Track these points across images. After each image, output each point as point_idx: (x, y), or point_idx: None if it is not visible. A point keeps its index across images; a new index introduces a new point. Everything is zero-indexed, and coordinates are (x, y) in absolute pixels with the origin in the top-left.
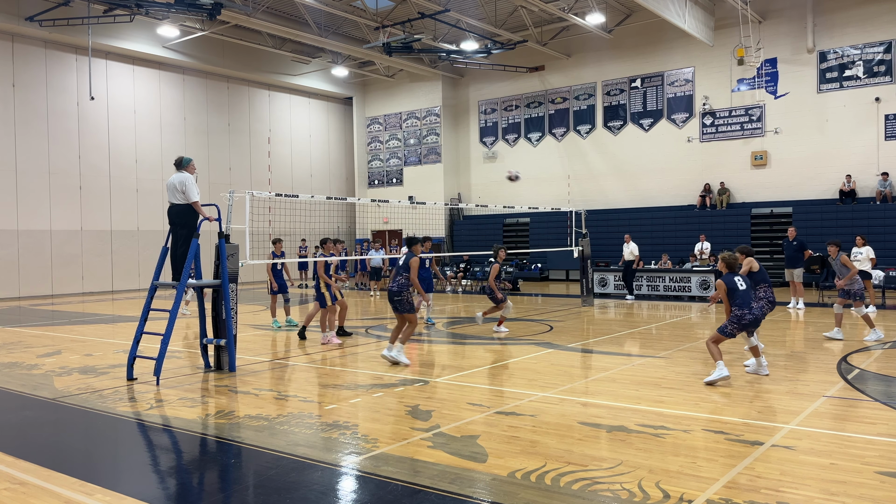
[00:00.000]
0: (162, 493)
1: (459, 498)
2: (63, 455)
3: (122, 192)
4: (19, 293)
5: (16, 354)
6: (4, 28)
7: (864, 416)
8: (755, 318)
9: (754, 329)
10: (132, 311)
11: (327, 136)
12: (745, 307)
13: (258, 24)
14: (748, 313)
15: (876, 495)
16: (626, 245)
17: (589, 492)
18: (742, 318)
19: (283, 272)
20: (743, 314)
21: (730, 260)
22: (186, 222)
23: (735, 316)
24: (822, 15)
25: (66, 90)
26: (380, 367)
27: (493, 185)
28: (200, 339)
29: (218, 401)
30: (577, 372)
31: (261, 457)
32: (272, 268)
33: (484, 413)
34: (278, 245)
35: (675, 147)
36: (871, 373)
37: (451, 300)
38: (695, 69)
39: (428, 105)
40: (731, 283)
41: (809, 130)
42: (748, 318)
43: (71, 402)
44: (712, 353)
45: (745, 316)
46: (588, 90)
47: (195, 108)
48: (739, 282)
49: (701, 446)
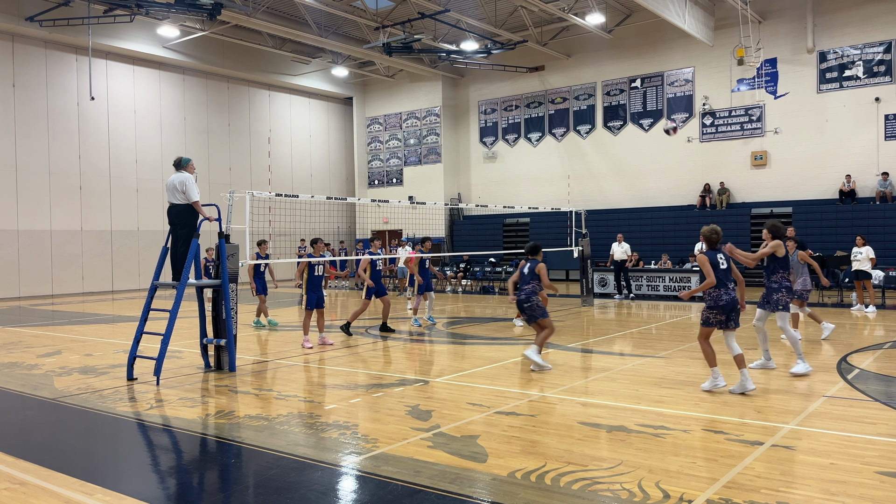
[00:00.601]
0: (162, 493)
1: (459, 498)
2: (63, 455)
3: (122, 192)
4: (19, 293)
5: (16, 354)
6: (4, 28)
7: (864, 416)
8: (732, 298)
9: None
10: (132, 311)
11: (327, 136)
12: (721, 287)
13: (258, 24)
14: (724, 293)
15: (876, 495)
16: (618, 245)
17: (589, 492)
18: (718, 300)
19: (265, 273)
20: (719, 295)
21: (710, 235)
22: (186, 222)
23: (710, 298)
24: (822, 15)
25: (66, 90)
26: (380, 367)
27: (493, 185)
28: (200, 339)
29: (218, 401)
30: (577, 372)
31: (261, 457)
32: (255, 269)
33: (484, 413)
34: (263, 247)
35: (675, 147)
36: (871, 373)
37: (451, 300)
38: (695, 69)
39: (428, 105)
40: (714, 259)
41: (809, 130)
42: (724, 298)
43: (71, 402)
44: (706, 355)
45: (720, 297)
46: (588, 90)
47: (195, 108)
48: (721, 260)
49: (701, 446)
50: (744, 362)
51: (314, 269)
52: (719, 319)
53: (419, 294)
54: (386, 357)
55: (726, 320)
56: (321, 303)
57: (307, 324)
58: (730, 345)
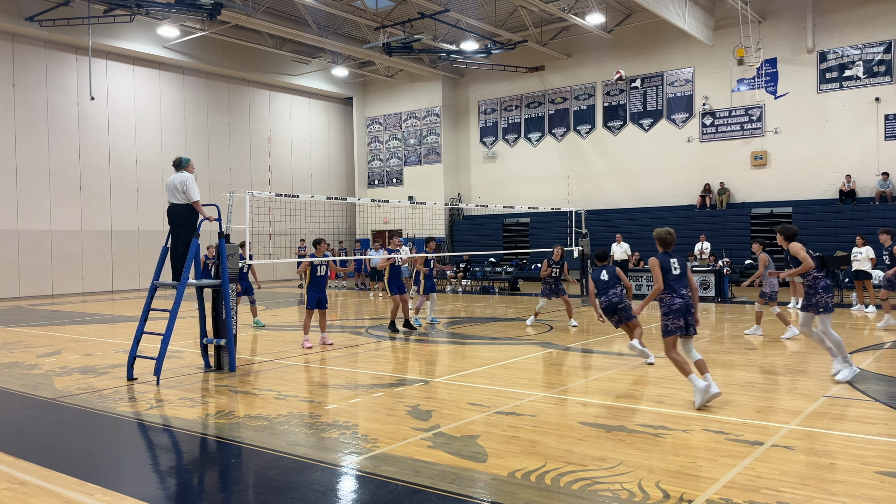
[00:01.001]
0: (162, 493)
1: (459, 498)
2: (63, 455)
3: (122, 192)
4: (19, 293)
5: (16, 354)
6: (4, 28)
7: (864, 416)
8: (685, 302)
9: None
10: (132, 311)
11: (327, 136)
12: (672, 292)
13: (258, 24)
14: (676, 297)
15: (876, 495)
16: (618, 245)
17: (589, 492)
18: (672, 304)
19: (248, 274)
20: (672, 299)
21: (665, 237)
22: (186, 222)
23: (664, 304)
24: (822, 15)
25: (66, 90)
26: (380, 367)
27: (493, 185)
28: (200, 339)
29: (218, 401)
30: (577, 372)
31: (261, 457)
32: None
33: (484, 413)
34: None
35: (675, 147)
36: (871, 373)
37: (451, 300)
38: (695, 69)
39: (428, 105)
40: (666, 263)
41: (809, 130)
42: (678, 302)
43: (71, 402)
44: (679, 366)
45: (673, 301)
46: (588, 90)
47: (195, 108)
48: (675, 265)
49: (701, 446)
50: (706, 367)
51: (317, 270)
52: (678, 325)
53: (423, 294)
54: (386, 357)
55: (685, 325)
56: (323, 303)
57: (307, 324)
58: (689, 351)
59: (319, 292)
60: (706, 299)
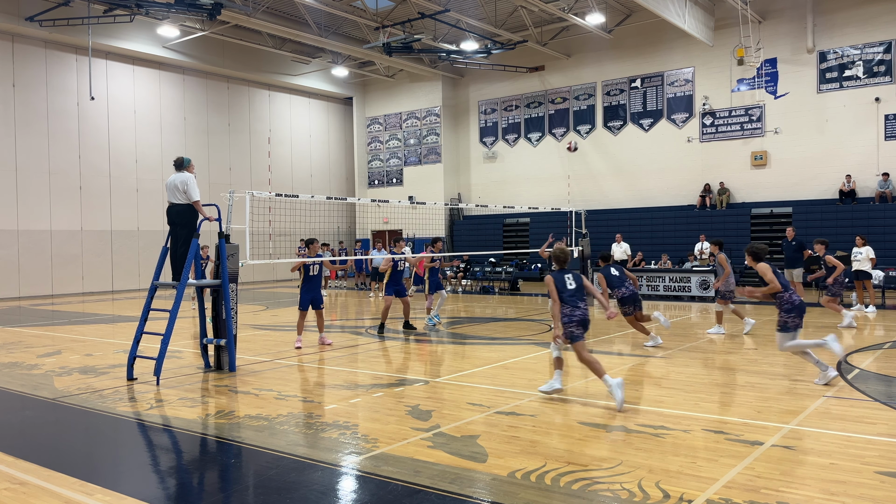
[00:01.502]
0: (162, 493)
1: (459, 498)
2: (63, 455)
3: (122, 192)
4: (19, 293)
5: (16, 354)
6: (4, 28)
7: (864, 416)
8: (583, 313)
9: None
10: (132, 311)
11: (327, 136)
12: (571, 305)
13: (258, 24)
14: (576, 310)
15: (876, 495)
16: (617, 245)
17: (589, 492)
18: (572, 316)
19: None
20: (571, 312)
21: (559, 255)
22: (186, 222)
23: (564, 316)
24: (822, 15)
25: (66, 90)
26: (380, 367)
27: (493, 185)
28: (200, 339)
29: (218, 401)
30: (577, 372)
31: (261, 457)
32: None
33: (484, 413)
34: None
35: (675, 147)
36: (871, 373)
37: (452, 300)
38: (695, 69)
39: (428, 105)
40: (561, 281)
41: (809, 130)
42: (577, 314)
43: (71, 402)
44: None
45: (573, 314)
46: (588, 90)
47: (195, 108)
48: (569, 280)
49: (701, 446)
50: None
51: (309, 270)
52: (580, 333)
53: (431, 293)
54: (386, 357)
55: (584, 332)
56: (317, 304)
57: (300, 324)
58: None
59: (312, 293)
60: (706, 299)
